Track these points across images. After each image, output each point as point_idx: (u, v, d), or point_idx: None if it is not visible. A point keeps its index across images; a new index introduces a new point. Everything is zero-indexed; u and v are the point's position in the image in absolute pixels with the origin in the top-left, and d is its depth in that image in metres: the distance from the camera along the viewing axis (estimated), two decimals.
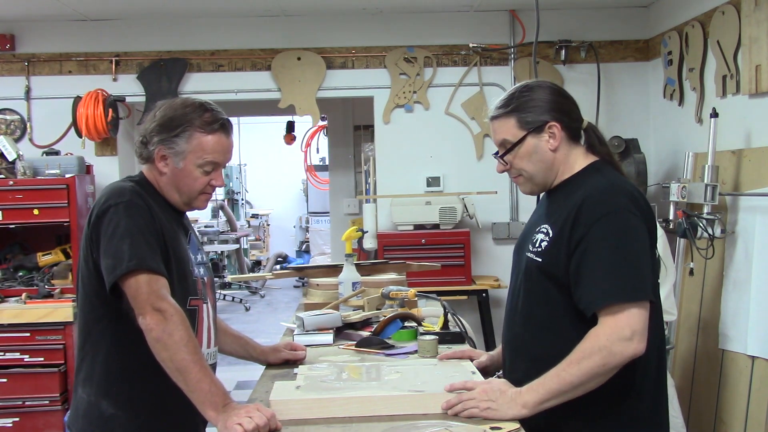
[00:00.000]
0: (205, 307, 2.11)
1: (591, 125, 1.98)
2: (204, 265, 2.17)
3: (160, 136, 2.01)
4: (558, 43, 4.92)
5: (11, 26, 4.89)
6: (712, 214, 3.64)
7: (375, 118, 5.05)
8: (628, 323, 1.69)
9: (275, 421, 1.69)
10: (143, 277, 1.85)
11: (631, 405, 1.82)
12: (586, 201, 1.80)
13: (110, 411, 1.96)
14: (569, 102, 1.96)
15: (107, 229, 1.90)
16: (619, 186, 1.84)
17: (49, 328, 4.23)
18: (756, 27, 3.51)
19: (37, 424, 4.22)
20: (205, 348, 2.10)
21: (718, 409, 3.68)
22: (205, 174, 2.04)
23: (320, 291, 3.05)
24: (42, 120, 4.93)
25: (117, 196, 1.94)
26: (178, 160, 2.01)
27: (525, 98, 1.93)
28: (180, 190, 2.05)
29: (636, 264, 1.74)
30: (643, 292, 1.73)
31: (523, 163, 1.94)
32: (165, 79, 4.91)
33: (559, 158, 1.92)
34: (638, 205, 1.81)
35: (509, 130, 1.93)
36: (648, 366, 1.83)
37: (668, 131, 4.70)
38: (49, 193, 4.43)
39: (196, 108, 2.02)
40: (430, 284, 4.23)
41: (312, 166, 8.94)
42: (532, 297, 1.90)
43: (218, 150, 2.03)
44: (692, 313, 3.98)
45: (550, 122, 1.90)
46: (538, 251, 1.87)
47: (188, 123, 2.00)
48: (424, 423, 1.68)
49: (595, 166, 1.93)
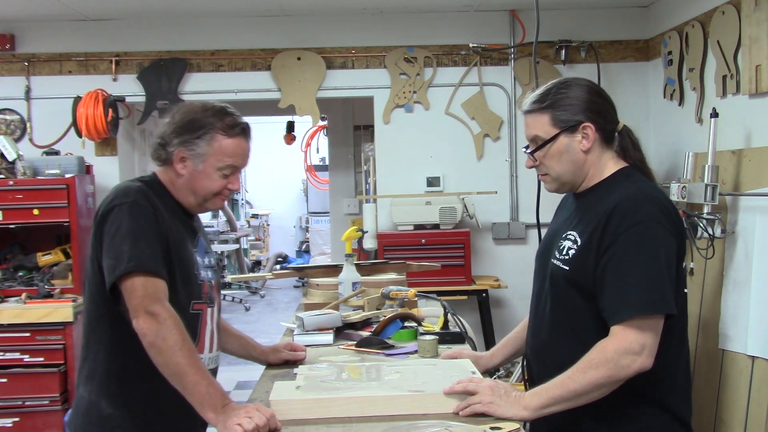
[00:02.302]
0: (209, 311, 2.11)
1: (626, 128, 1.94)
2: (212, 269, 2.17)
3: (181, 137, 2.02)
4: (558, 43, 4.92)
5: (11, 26, 4.88)
6: (712, 214, 3.64)
7: (375, 118, 5.05)
8: (639, 337, 1.68)
9: (275, 421, 1.69)
10: (139, 279, 1.84)
11: (651, 413, 1.81)
12: (616, 210, 1.76)
13: (109, 410, 1.97)
14: (606, 103, 1.92)
15: (110, 229, 1.91)
16: (650, 195, 1.80)
17: (49, 328, 4.23)
18: (756, 27, 3.51)
19: (37, 424, 4.22)
20: (206, 353, 2.10)
21: (718, 409, 3.68)
22: (224, 177, 2.05)
23: (320, 291, 3.05)
24: (42, 120, 4.93)
25: (122, 196, 1.95)
26: (198, 162, 2.02)
27: (561, 95, 1.88)
28: (196, 192, 2.06)
29: (658, 277, 1.71)
30: (661, 306, 1.70)
31: (552, 162, 1.90)
32: (165, 79, 4.91)
33: (590, 160, 1.88)
34: (668, 216, 1.77)
35: (542, 126, 1.89)
36: (674, 380, 1.82)
37: (668, 131, 4.70)
38: (49, 193, 4.43)
39: (218, 111, 2.04)
40: (430, 284, 4.22)
41: (312, 166, 8.94)
42: (559, 304, 1.88)
43: (238, 153, 2.05)
44: (692, 313, 3.98)
45: (584, 123, 1.86)
46: (565, 259, 1.85)
47: (210, 126, 2.01)
48: (424, 423, 1.68)
49: (625, 172, 1.89)
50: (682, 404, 1.85)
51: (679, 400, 1.84)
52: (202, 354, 2.07)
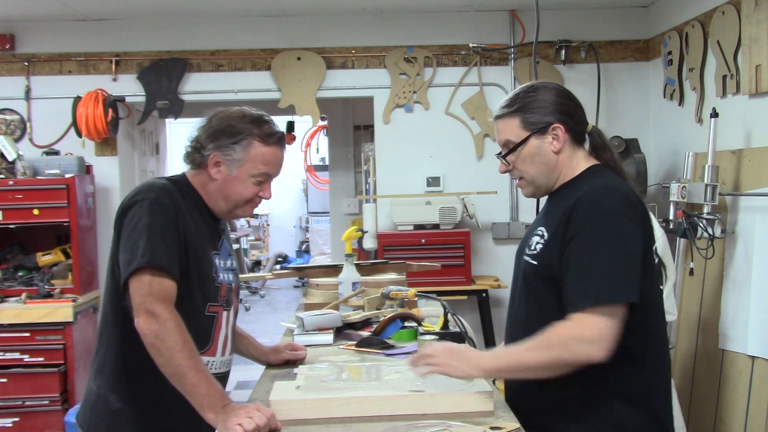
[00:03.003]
0: (225, 314, 2.10)
1: (595, 128, 1.97)
2: (233, 271, 2.17)
3: (217, 142, 2.02)
4: (558, 43, 4.92)
5: (11, 26, 4.89)
6: (712, 214, 3.64)
7: (375, 118, 5.05)
8: (595, 327, 1.68)
9: (275, 420, 1.69)
10: (147, 277, 1.84)
11: (625, 411, 1.79)
12: (579, 201, 1.78)
13: (117, 405, 1.98)
14: (574, 104, 1.94)
15: (129, 224, 1.92)
16: (615, 188, 1.81)
17: (49, 328, 4.24)
18: (756, 27, 3.51)
19: (37, 424, 4.22)
20: (219, 356, 2.09)
21: (718, 409, 3.68)
22: (257, 184, 2.06)
23: (320, 291, 3.04)
24: (42, 120, 4.94)
25: (145, 192, 1.95)
26: (233, 167, 2.02)
27: (530, 99, 1.91)
28: (228, 197, 2.06)
29: (620, 267, 1.72)
30: (620, 295, 1.70)
31: (525, 165, 1.92)
32: (165, 79, 4.91)
33: (562, 161, 1.90)
34: (633, 209, 1.78)
35: (513, 130, 1.92)
36: (650, 377, 1.81)
37: (668, 131, 4.70)
38: (49, 193, 4.43)
39: (256, 119, 2.06)
40: (430, 284, 4.23)
41: (312, 166, 8.93)
42: (532, 301, 1.90)
43: (273, 162, 2.07)
44: (692, 313, 3.98)
45: (554, 124, 1.88)
46: (534, 254, 1.87)
47: (248, 132, 2.02)
48: (424, 423, 1.68)
49: (594, 170, 1.91)
50: (658, 401, 1.83)
51: (654, 398, 1.82)
52: (214, 357, 2.07)
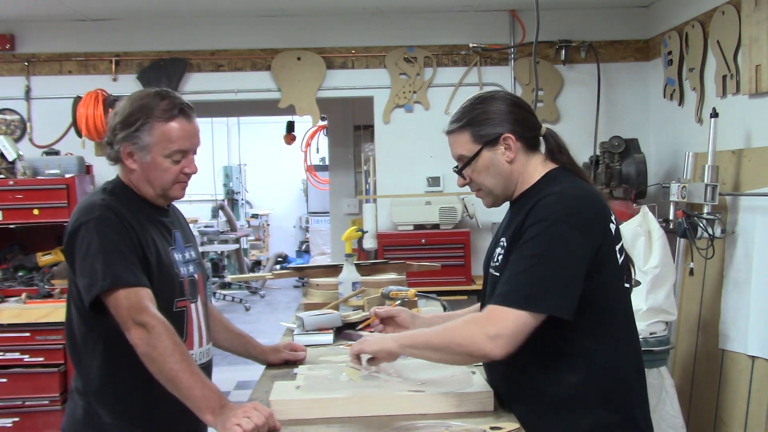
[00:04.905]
0: (193, 306, 2.09)
1: (550, 132, 1.94)
2: (193, 262, 2.14)
3: (123, 132, 1.96)
4: (558, 43, 4.92)
5: (11, 26, 4.89)
6: (712, 214, 3.64)
7: (375, 118, 5.05)
8: (500, 324, 1.67)
9: (273, 420, 1.69)
10: (121, 292, 1.83)
11: (597, 414, 1.77)
12: (531, 210, 1.77)
13: (108, 420, 1.96)
14: (524, 111, 1.92)
15: (80, 249, 1.88)
16: (566, 194, 1.78)
17: (49, 328, 4.22)
18: (756, 27, 3.51)
19: (37, 424, 4.22)
20: (196, 348, 2.09)
21: (718, 409, 3.68)
22: (175, 163, 1.99)
23: (320, 291, 3.05)
24: (42, 120, 4.93)
25: (86, 213, 1.92)
26: (144, 154, 1.96)
27: (477, 111, 1.90)
28: (152, 183, 2.01)
29: (547, 275, 1.69)
30: (537, 304, 1.67)
31: (481, 177, 1.91)
32: (165, 79, 4.90)
33: (517, 169, 1.88)
34: (580, 215, 1.75)
35: (464, 144, 1.90)
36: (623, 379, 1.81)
37: (668, 131, 4.70)
38: (49, 193, 4.43)
39: (153, 97, 1.97)
40: (430, 284, 4.22)
41: (312, 166, 8.94)
42: None
43: (183, 136, 1.98)
44: (692, 313, 3.98)
45: (504, 134, 1.86)
46: (497, 266, 1.86)
47: (147, 114, 1.95)
48: (424, 423, 1.68)
49: (552, 174, 1.88)
50: (629, 403, 1.82)
51: (626, 399, 1.81)
52: (192, 350, 2.06)
